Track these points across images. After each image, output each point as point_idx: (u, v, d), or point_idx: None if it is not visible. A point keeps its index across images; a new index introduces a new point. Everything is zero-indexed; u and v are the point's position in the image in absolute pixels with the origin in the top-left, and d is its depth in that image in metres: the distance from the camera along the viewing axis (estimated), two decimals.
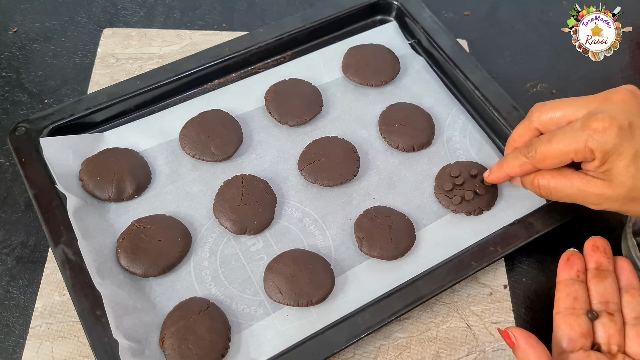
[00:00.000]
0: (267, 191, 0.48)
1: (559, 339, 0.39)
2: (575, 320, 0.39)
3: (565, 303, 0.40)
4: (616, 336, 0.38)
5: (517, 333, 0.37)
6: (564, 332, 0.39)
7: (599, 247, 0.42)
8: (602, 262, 0.41)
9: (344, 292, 0.44)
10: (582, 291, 0.40)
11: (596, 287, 0.40)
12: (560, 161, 0.41)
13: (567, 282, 0.41)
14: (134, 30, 0.60)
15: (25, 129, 0.49)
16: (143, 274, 0.43)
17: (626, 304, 0.40)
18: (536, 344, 0.37)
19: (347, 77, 0.56)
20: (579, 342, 0.38)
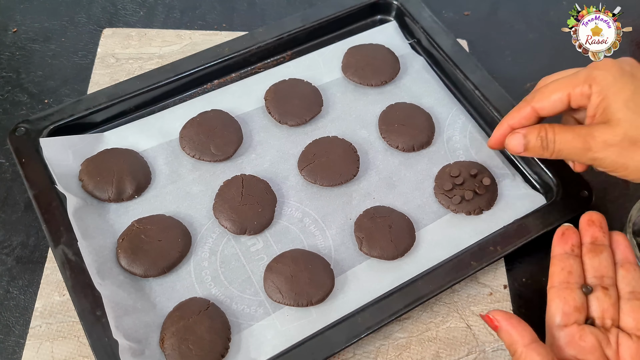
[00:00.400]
0: (267, 191, 0.48)
1: (553, 313, 0.38)
2: (569, 294, 0.38)
3: (559, 277, 0.39)
4: (610, 310, 0.38)
5: (498, 315, 0.37)
6: (557, 306, 0.38)
7: (595, 221, 0.41)
8: (598, 236, 0.41)
9: (344, 292, 0.44)
10: (577, 265, 0.40)
11: (591, 261, 0.40)
12: (558, 102, 0.41)
13: (562, 256, 0.40)
14: (134, 30, 0.60)
15: (25, 129, 0.49)
16: (143, 274, 0.43)
17: (621, 278, 0.39)
18: (518, 324, 0.37)
19: (347, 77, 0.56)
20: (573, 317, 0.38)
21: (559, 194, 0.49)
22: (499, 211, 0.48)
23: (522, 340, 0.36)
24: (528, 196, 0.49)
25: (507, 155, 0.53)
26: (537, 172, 0.51)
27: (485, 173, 0.50)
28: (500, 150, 0.53)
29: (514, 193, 0.50)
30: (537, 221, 0.47)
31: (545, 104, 0.42)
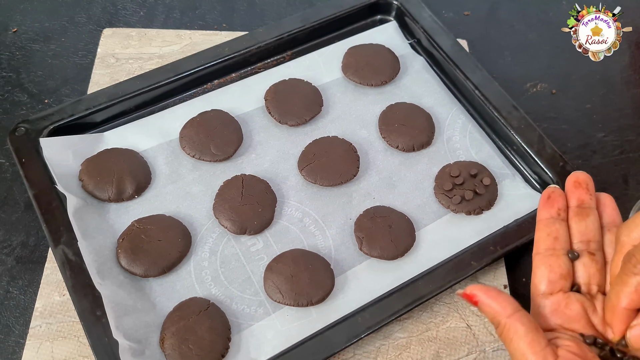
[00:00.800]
0: (267, 191, 0.48)
1: (538, 281, 0.36)
2: (555, 261, 0.36)
3: (545, 243, 0.37)
4: (597, 276, 0.36)
5: (476, 290, 0.35)
6: (542, 273, 0.36)
7: (581, 183, 0.38)
8: (584, 199, 0.38)
9: (344, 292, 0.44)
10: (563, 230, 0.38)
11: (577, 225, 0.38)
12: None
13: (548, 221, 0.38)
14: (134, 30, 0.60)
15: (25, 129, 0.49)
16: (143, 274, 0.43)
17: (608, 242, 0.37)
18: (498, 295, 0.35)
19: (347, 77, 0.56)
20: (559, 284, 0.36)
21: None
22: (499, 211, 0.48)
23: (504, 311, 0.34)
24: (528, 196, 0.49)
25: (507, 155, 0.53)
26: (537, 172, 0.51)
27: (485, 173, 0.50)
28: (500, 150, 0.53)
29: (514, 193, 0.50)
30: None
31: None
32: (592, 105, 0.59)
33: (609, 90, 0.60)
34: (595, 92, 0.60)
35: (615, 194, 0.52)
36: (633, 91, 0.60)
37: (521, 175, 0.52)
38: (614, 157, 0.55)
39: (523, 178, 0.51)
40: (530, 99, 0.59)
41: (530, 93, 0.59)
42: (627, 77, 0.61)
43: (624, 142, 0.56)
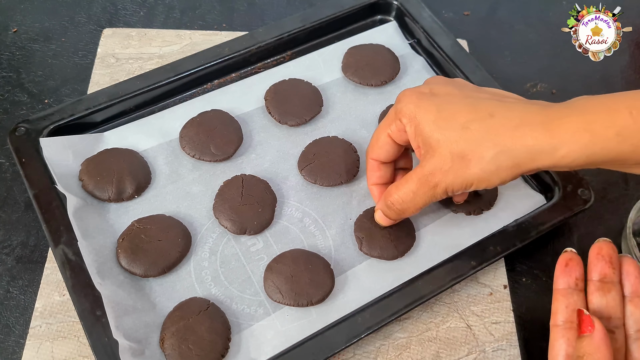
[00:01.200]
0: (267, 191, 0.48)
1: (556, 354, 0.36)
2: (574, 335, 0.36)
3: (563, 316, 0.37)
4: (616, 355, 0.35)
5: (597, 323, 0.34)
6: (560, 346, 0.36)
7: (605, 255, 0.37)
8: (607, 273, 0.37)
9: (344, 292, 0.44)
10: (581, 302, 0.37)
11: (598, 301, 0.37)
12: (385, 140, 0.41)
13: (565, 291, 0.37)
14: (134, 30, 0.60)
15: (25, 129, 0.49)
16: (143, 274, 0.43)
17: (629, 314, 0.36)
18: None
19: (347, 77, 0.56)
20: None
21: (559, 194, 0.49)
22: (499, 211, 0.48)
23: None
24: (528, 196, 0.49)
25: None
26: (537, 172, 0.51)
27: None
28: None
29: (514, 193, 0.50)
30: (537, 221, 0.47)
31: (378, 151, 0.42)
32: None
33: (609, 90, 0.59)
34: (595, 92, 0.59)
35: (615, 194, 0.53)
36: None
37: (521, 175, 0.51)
38: None
39: (523, 178, 0.51)
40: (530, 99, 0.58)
41: (530, 93, 0.59)
42: (627, 77, 0.61)
43: None
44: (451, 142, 0.37)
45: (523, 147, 0.35)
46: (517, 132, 0.35)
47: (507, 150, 0.35)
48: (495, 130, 0.36)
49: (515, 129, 0.35)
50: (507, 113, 0.36)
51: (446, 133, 0.37)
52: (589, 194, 0.48)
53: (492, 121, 0.36)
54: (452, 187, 0.38)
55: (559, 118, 0.35)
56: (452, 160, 0.37)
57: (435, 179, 0.38)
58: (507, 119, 0.36)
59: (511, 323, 0.45)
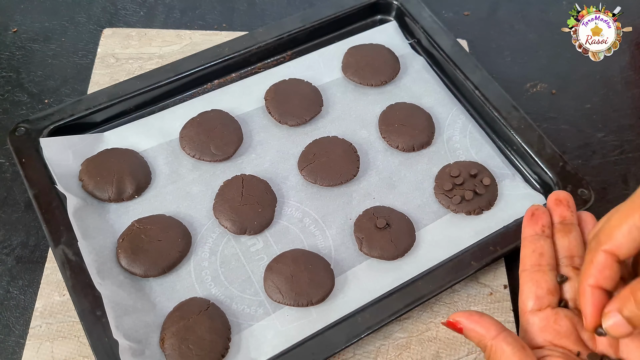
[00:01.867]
0: (267, 191, 0.48)
1: (525, 297, 0.37)
2: (542, 277, 0.37)
3: (530, 260, 0.38)
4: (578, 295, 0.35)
5: (458, 316, 0.35)
6: (530, 289, 0.36)
7: (562, 200, 0.39)
8: (566, 215, 0.39)
9: (344, 292, 0.44)
10: (548, 247, 0.38)
11: (561, 241, 0.38)
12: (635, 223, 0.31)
13: (532, 237, 0.39)
14: (134, 30, 0.60)
15: (25, 129, 0.49)
16: (143, 274, 0.43)
17: None
18: (480, 318, 0.34)
19: (347, 77, 0.56)
20: (546, 300, 0.36)
21: None
22: (499, 211, 0.48)
23: (488, 333, 0.34)
24: (528, 196, 0.49)
25: (507, 155, 0.53)
26: (537, 172, 0.51)
27: (485, 173, 0.50)
28: (500, 150, 0.53)
29: (514, 193, 0.50)
30: None
31: (619, 239, 0.31)
32: (592, 105, 0.59)
33: (609, 90, 0.60)
34: (595, 92, 0.60)
35: (615, 194, 0.53)
36: (633, 91, 0.60)
37: (521, 175, 0.52)
38: (613, 157, 0.55)
39: (523, 178, 0.51)
40: (530, 99, 0.59)
41: (530, 93, 0.59)
42: (627, 77, 0.61)
43: (623, 142, 0.56)
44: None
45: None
46: None
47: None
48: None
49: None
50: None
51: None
52: (589, 194, 0.48)
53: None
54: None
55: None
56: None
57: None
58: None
59: (511, 323, 0.45)
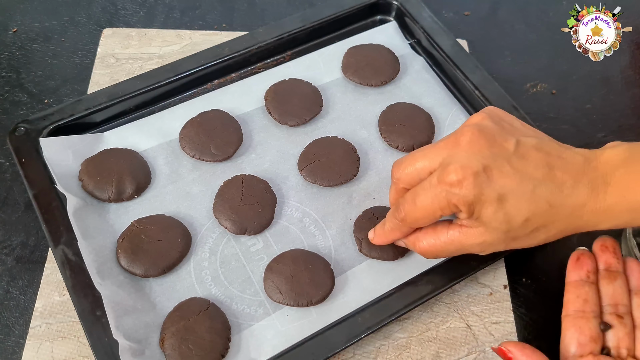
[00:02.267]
0: (267, 191, 0.48)
1: (568, 342, 0.38)
2: (585, 323, 0.38)
3: (574, 305, 0.39)
4: (625, 339, 0.37)
5: (511, 347, 0.37)
6: (572, 335, 0.38)
7: (608, 247, 0.41)
8: (612, 262, 0.40)
9: (344, 292, 0.44)
10: (592, 293, 0.39)
11: (605, 288, 0.39)
12: (430, 219, 0.39)
13: (577, 283, 0.40)
14: (134, 30, 0.60)
15: (25, 129, 0.49)
16: (143, 274, 0.43)
17: (636, 306, 0.39)
18: (532, 353, 0.36)
19: (347, 77, 0.56)
20: (589, 347, 0.37)
21: None
22: None
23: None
24: None
25: None
26: None
27: None
28: None
29: None
30: None
31: (420, 223, 0.41)
32: (592, 105, 0.59)
33: (609, 90, 0.60)
34: (595, 92, 0.60)
35: None
36: (633, 91, 0.60)
37: None
38: None
39: None
40: (530, 99, 0.59)
41: (530, 93, 0.59)
42: (627, 77, 0.61)
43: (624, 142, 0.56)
44: (510, 232, 0.37)
45: (575, 227, 0.38)
46: (571, 217, 0.37)
47: (560, 233, 0.38)
48: (553, 219, 0.37)
49: (570, 215, 0.37)
50: (563, 200, 0.37)
51: (506, 225, 0.37)
52: None
53: (551, 211, 0.37)
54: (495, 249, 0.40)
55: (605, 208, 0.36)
56: (504, 240, 0.38)
57: (477, 248, 0.40)
58: (564, 207, 0.37)
59: (511, 323, 0.45)
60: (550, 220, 0.37)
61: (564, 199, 0.37)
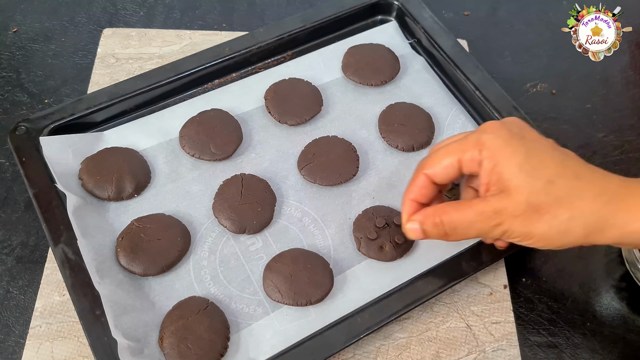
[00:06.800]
0: (267, 190, 0.48)
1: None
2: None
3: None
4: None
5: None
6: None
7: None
8: None
9: (343, 292, 0.44)
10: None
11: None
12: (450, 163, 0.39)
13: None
14: (134, 30, 0.60)
15: (26, 129, 0.49)
16: (142, 273, 0.43)
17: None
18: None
19: (347, 76, 0.56)
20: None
21: None
22: None
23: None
24: None
25: None
26: None
27: None
28: None
29: None
30: None
31: (437, 170, 0.39)
32: (592, 105, 0.59)
33: (609, 90, 0.60)
34: (595, 92, 0.60)
35: None
36: (633, 91, 0.60)
37: None
38: (614, 157, 0.55)
39: None
40: (530, 99, 0.59)
41: (530, 93, 0.59)
42: (627, 77, 0.61)
43: (624, 142, 0.56)
44: (532, 192, 0.35)
45: (599, 216, 0.35)
46: (598, 200, 0.35)
47: (581, 216, 0.35)
48: (578, 193, 0.36)
49: (596, 197, 0.35)
50: (591, 178, 0.36)
51: (530, 181, 0.36)
52: None
53: (577, 183, 0.36)
54: (513, 233, 0.37)
55: (637, 193, 0.35)
56: (526, 210, 0.36)
57: (500, 219, 0.36)
58: (592, 184, 0.36)
59: (511, 323, 0.45)
60: (576, 194, 0.35)
61: (592, 174, 0.36)
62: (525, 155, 0.36)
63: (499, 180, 0.36)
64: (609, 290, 0.47)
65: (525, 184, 0.36)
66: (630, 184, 0.36)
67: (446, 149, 0.39)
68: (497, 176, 0.37)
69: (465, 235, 0.38)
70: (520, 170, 0.36)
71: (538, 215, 0.36)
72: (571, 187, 0.36)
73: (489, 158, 0.37)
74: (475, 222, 0.37)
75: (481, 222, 0.37)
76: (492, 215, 0.37)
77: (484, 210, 0.37)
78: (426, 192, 0.41)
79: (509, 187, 0.36)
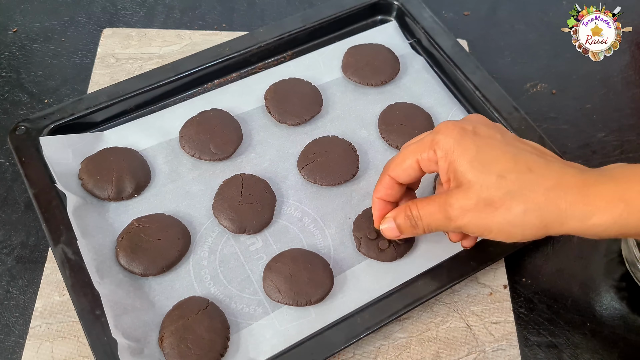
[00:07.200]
0: (267, 190, 0.48)
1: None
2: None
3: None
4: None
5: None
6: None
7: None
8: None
9: (343, 292, 0.44)
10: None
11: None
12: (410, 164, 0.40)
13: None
14: (134, 30, 0.60)
15: (26, 129, 0.49)
16: (142, 273, 0.43)
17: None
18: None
19: (347, 76, 0.56)
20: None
21: None
22: None
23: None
24: None
25: None
26: None
27: None
28: None
29: None
30: None
31: (399, 171, 0.41)
32: (592, 105, 0.59)
33: (609, 90, 0.60)
34: (595, 92, 0.60)
35: None
36: (633, 91, 0.60)
37: None
38: (614, 157, 0.55)
39: None
40: (530, 99, 0.58)
41: (530, 93, 0.59)
42: (627, 77, 0.61)
43: (624, 142, 0.56)
44: (483, 187, 0.36)
45: (555, 208, 0.35)
46: (552, 193, 0.35)
47: (537, 209, 0.35)
48: (531, 186, 0.36)
49: (550, 189, 0.35)
50: (545, 171, 0.36)
51: (480, 177, 0.36)
52: None
53: (529, 176, 0.36)
54: (468, 227, 0.38)
55: (595, 184, 0.35)
56: (477, 204, 0.37)
57: (454, 212, 0.38)
58: (544, 177, 0.36)
59: (511, 323, 0.45)
60: (528, 188, 0.36)
61: (547, 167, 0.36)
62: (476, 152, 0.37)
63: (455, 178, 0.38)
64: (609, 290, 0.47)
65: (476, 180, 0.37)
66: (589, 175, 0.36)
67: (406, 150, 0.41)
68: (452, 174, 0.38)
69: (429, 228, 0.40)
70: (471, 167, 0.37)
71: (492, 209, 0.36)
72: (523, 181, 0.36)
73: (443, 158, 0.38)
74: (434, 214, 0.39)
75: (438, 215, 0.39)
76: (447, 209, 0.38)
77: (440, 203, 0.39)
78: (392, 192, 0.43)
79: (463, 183, 0.37)
